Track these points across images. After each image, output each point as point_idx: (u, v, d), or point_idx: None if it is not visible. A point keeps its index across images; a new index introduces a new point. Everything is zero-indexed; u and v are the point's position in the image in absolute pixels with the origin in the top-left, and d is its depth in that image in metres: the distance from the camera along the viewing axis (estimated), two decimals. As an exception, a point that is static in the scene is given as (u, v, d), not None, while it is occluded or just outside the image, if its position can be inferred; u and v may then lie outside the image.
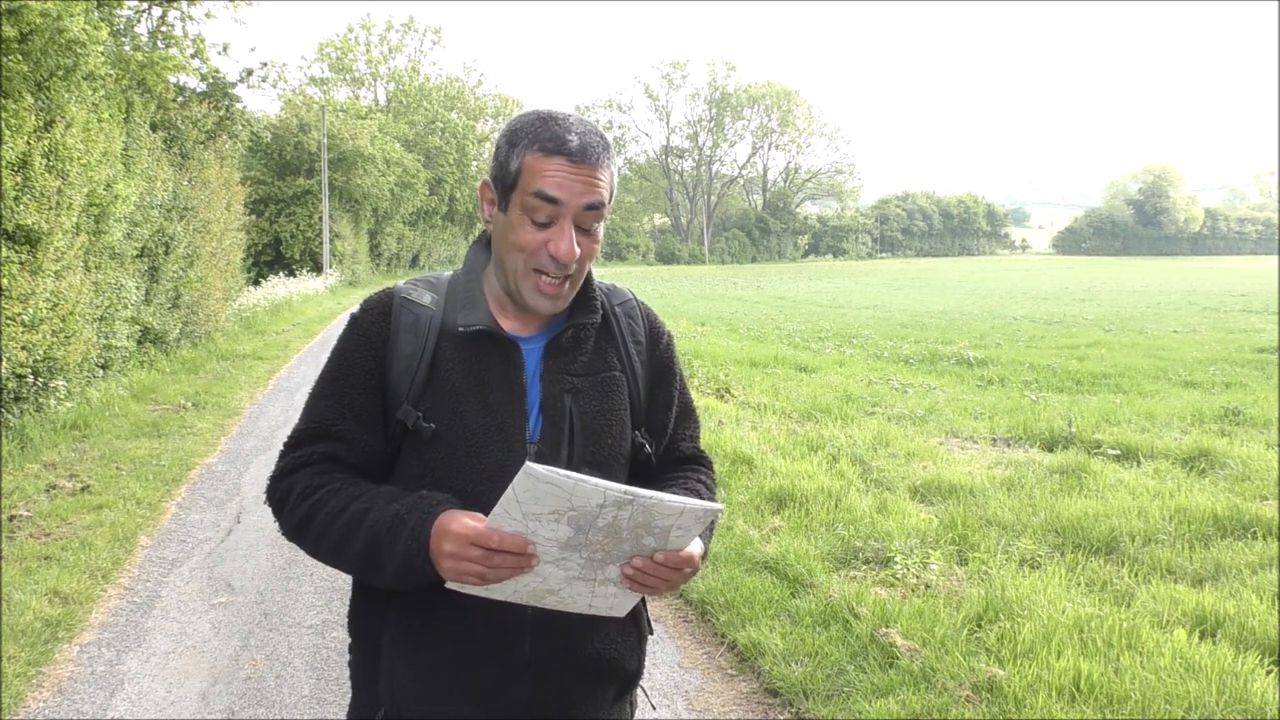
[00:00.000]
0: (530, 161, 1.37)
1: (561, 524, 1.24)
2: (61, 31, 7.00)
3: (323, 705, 3.50)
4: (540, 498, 1.21)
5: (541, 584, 1.31)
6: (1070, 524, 5.15)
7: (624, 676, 1.54)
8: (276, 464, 1.49)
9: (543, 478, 1.19)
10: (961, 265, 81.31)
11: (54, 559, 4.85)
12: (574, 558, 1.28)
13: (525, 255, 1.39)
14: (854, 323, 20.98)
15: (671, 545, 1.30)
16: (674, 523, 1.26)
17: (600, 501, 1.21)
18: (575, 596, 1.34)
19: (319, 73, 54.65)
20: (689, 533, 1.29)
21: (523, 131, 1.40)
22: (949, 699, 3.28)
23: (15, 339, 6.99)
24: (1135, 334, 18.02)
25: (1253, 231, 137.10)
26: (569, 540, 1.26)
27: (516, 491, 1.21)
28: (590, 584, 1.32)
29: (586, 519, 1.23)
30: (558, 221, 1.38)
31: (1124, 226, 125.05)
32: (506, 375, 1.44)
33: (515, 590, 1.31)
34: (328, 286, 29.43)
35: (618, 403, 1.51)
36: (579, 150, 1.36)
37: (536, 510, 1.22)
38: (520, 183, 1.38)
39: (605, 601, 1.36)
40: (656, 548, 1.29)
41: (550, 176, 1.36)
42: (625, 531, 1.26)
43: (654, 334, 1.61)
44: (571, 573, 1.30)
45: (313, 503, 1.39)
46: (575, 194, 1.37)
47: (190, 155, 12.89)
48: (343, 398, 1.45)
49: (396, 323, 1.46)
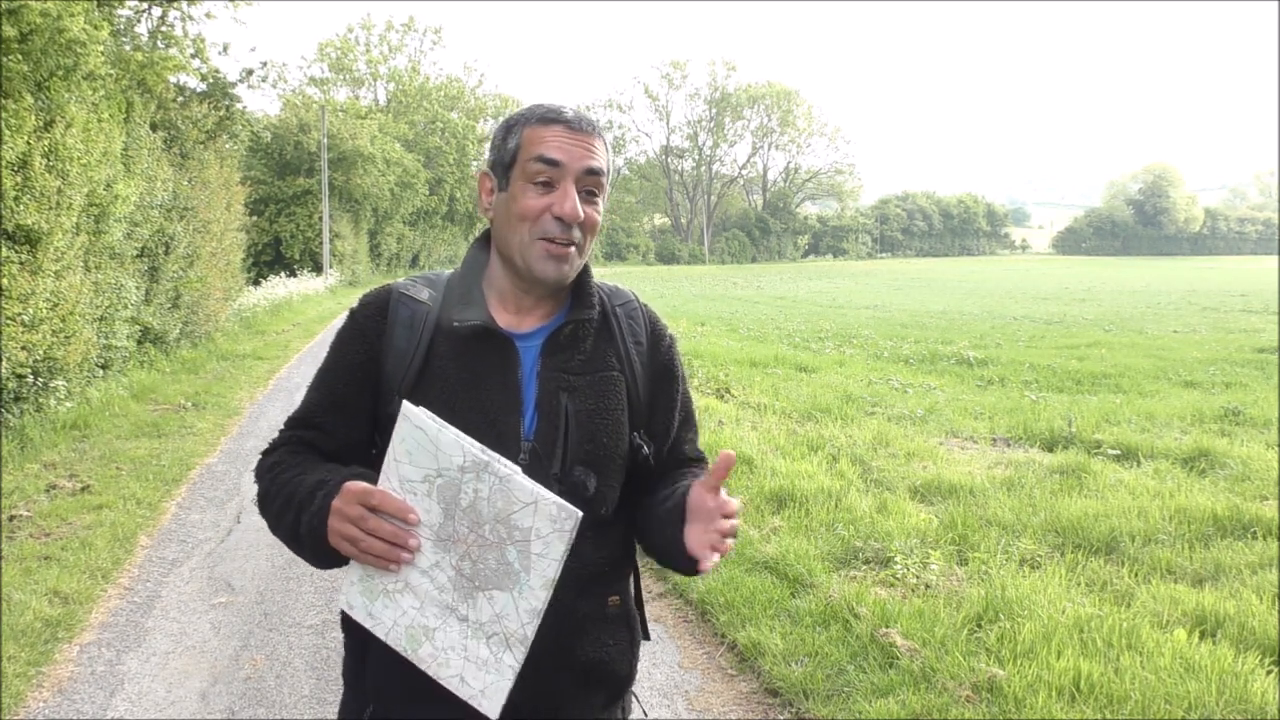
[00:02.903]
0: (529, 134, 1.42)
1: (432, 500, 1.23)
2: (61, 31, 7.00)
3: (323, 705, 3.50)
4: (412, 453, 1.22)
5: (418, 612, 1.27)
6: (1070, 524, 5.15)
7: (614, 681, 1.52)
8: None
9: (414, 419, 1.21)
10: (961, 265, 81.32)
11: (54, 559, 4.85)
12: (445, 562, 1.25)
13: (529, 224, 1.41)
14: (854, 323, 20.98)
15: (534, 567, 1.22)
16: (532, 523, 1.21)
17: (460, 460, 1.21)
18: (449, 651, 1.27)
19: (319, 73, 54.72)
20: (549, 546, 1.21)
21: (518, 116, 1.46)
22: (949, 699, 3.28)
23: (15, 339, 6.99)
24: (1135, 334, 18.01)
25: (1253, 231, 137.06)
26: (439, 530, 1.24)
27: (394, 445, 1.22)
28: (463, 629, 1.26)
29: (451, 491, 1.22)
30: (560, 184, 1.40)
31: (1124, 226, 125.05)
32: (501, 372, 1.44)
33: (395, 622, 1.28)
34: (328, 286, 29.44)
35: (615, 402, 1.50)
36: (575, 120, 1.43)
37: (410, 475, 1.23)
38: (520, 156, 1.42)
39: (478, 675, 1.26)
40: (520, 568, 1.22)
41: (550, 141, 1.41)
42: (487, 526, 1.22)
43: (655, 336, 1.59)
44: (445, 594, 1.25)
45: (272, 475, 1.44)
46: (575, 157, 1.40)
47: (190, 155, 12.89)
48: (330, 390, 1.48)
49: (393, 318, 1.47)
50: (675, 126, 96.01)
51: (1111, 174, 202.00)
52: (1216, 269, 70.15)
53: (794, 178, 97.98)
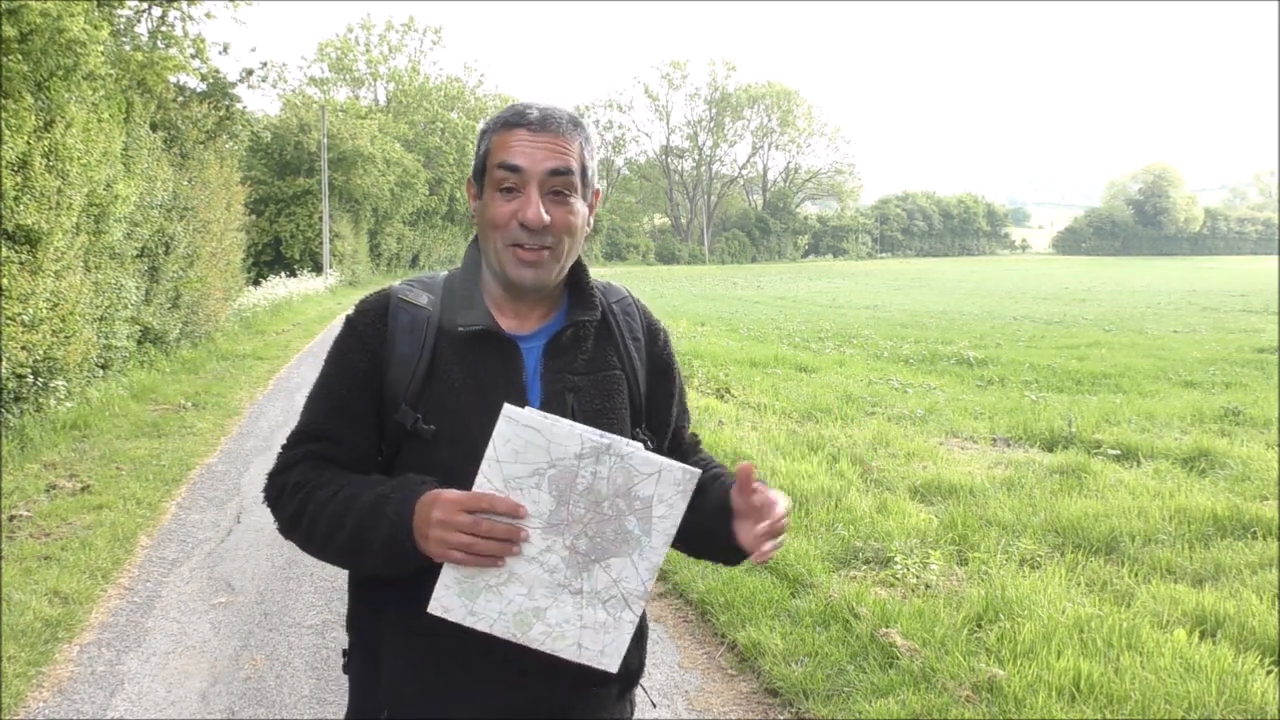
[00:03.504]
0: (496, 140, 1.42)
1: (542, 491, 1.23)
2: (61, 31, 7.00)
3: (323, 705, 3.50)
4: (520, 451, 1.22)
5: (526, 598, 1.28)
6: (1070, 524, 5.15)
7: (626, 675, 1.54)
8: (274, 463, 1.50)
9: (522, 420, 1.21)
10: (961, 265, 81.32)
11: (54, 559, 4.85)
12: (557, 545, 1.26)
13: (500, 231, 1.41)
14: (854, 323, 20.98)
15: (656, 528, 1.27)
16: (654, 490, 1.24)
17: (578, 449, 1.21)
18: (564, 625, 1.30)
19: (319, 73, 54.71)
20: (672, 508, 1.26)
21: (489, 121, 1.46)
22: (949, 699, 3.28)
23: (15, 339, 6.99)
24: (1135, 334, 18.02)
25: (1253, 231, 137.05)
26: (550, 516, 1.25)
27: (497, 447, 1.22)
28: (578, 600, 1.29)
29: (566, 479, 1.23)
30: (524, 189, 1.40)
31: (1124, 226, 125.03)
32: (506, 375, 1.44)
33: (501, 612, 1.29)
34: (328, 286, 29.44)
35: (619, 401, 1.51)
36: (539, 120, 1.41)
37: (517, 473, 1.23)
38: (489, 162, 1.43)
39: (596, 637, 1.31)
40: (640, 533, 1.27)
41: (513, 146, 1.40)
42: (606, 503, 1.24)
43: (651, 331, 1.61)
44: (556, 575, 1.27)
45: (304, 495, 1.41)
46: (537, 160, 1.39)
47: (190, 155, 12.88)
48: (336, 400, 1.46)
49: (394, 325, 1.46)
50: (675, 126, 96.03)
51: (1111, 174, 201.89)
52: (1216, 269, 70.16)
53: (794, 178, 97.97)
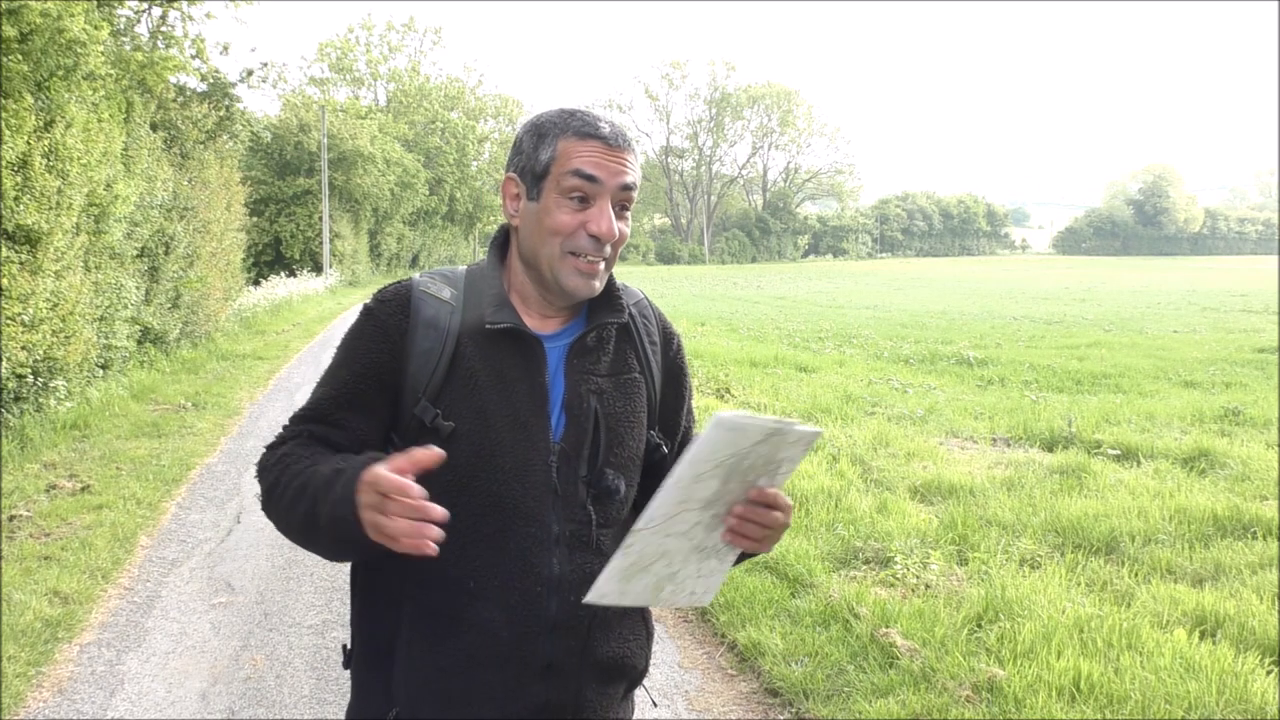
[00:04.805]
0: (565, 146, 1.39)
1: (715, 478, 1.22)
2: (61, 31, 7.00)
3: (323, 705, 3.50)
4: (716, 449, 1.18)
5: (666, 567, 1.27)
6: (1070, 524, 5.15)
7: (633, 674, 1.55)
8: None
9: (729, 424, 1.15)
10: (961, 265, 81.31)
11: (54, 559, 4.85)
12: (705, 518, 1.25)
13: (561, 238, 1.40)
14: (854, 323, 20.98)
15: (776, 480, 1.28)
16: (789, 453, 1.25)
17: (758, 438, 1.20)
18: (687, 580, 1.31)
19: (319, 73, 54.74)
20: (794, 463, 1.28)
21: (551, 123, 1.42)
22: (949, 699, 3.28)
23: (15, 339, 6.99)
24: (1135, 334, 18.01)
25: (1253, 231, 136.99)
26: (711, 496, 1.23)
27: (702, 453, 1.17)
28: (702, 554, 1.30)
29: (735, 462, 1.21)
30: (596, 201, 1.39)
31: (1124, 226, 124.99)
32: (529, 373, 1.43)
33: (644, 587, 1.27)
34: (328, 286, 29.45)
35: (639, 404, 1.51)
36: (612, 135, 1.41)
37: (704, 469, 1.20)
38: (554, 168, 1.39)
39: (705, 582, 1.33)
40: (763, 486, 1.27)
41: (588, 157, 1.38)
42: (753, 473, 1.24)
43: (667, 335, 1.61)
44: (695, 540, 1.27)
45: (280, 468, 1.38)
46: (612, 174, 1.39)
47: (190, 155, 12.89)
48: (346, 386, 1.44)
49: (415, 317, 1.44)
50: (675, 126, 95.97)
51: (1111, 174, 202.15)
52: (1216, 269, 70.15)
53: (794, 178, 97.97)
